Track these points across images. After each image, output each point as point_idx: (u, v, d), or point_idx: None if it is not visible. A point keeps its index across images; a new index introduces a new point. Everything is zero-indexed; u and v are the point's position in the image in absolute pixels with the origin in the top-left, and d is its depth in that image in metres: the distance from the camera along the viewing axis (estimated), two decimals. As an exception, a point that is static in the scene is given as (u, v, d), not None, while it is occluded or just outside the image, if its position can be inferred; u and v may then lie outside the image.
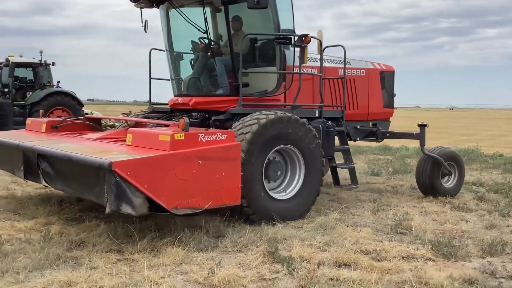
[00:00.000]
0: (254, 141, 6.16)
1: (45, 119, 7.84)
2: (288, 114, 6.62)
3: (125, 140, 5.92)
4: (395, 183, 9.76)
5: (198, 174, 5.29)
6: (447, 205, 7.76)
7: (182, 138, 5.26)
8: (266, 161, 6.41)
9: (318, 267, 4.72)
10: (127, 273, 4.47)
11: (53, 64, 19.08)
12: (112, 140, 6.51)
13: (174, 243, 5.25)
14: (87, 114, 20.17)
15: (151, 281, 4.25)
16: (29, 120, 8.25)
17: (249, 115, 6.53)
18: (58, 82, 18.97)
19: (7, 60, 17.86)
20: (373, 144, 14.12)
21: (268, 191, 6.41)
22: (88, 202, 7.09)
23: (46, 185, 6.22)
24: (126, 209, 4.78)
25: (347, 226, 6.25)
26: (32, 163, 6.19)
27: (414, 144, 15.36)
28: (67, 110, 17.36)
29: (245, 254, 5.07)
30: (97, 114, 22.68)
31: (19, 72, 18.58)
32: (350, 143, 10.73)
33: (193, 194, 5.26)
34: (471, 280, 4.44)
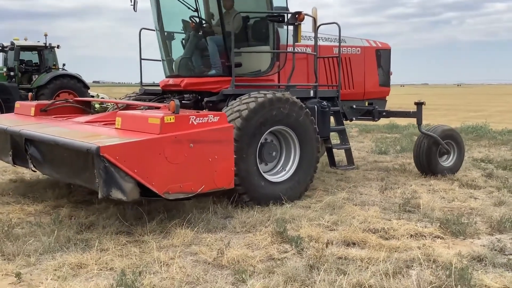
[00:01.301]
0: (245, 125, 6.00)
1: (34, 102, 7.69)
2: (269, 95, 6.35)
3: (114, 124, 5.76)
4: (402, 161, 9.73)
5: (190, 158, 5.15)
6: (455, 182, 7.74)
7: (172, 121, 5.11)
8: (259, 144, 6.26)
9: (327, 246, 4.73)
10: (137, 254, 4.51)
11: (58, 46, 19.06)
12: (102, 123, 6.34)
13: (183, 224, 5.28)
14: (93, 96, 20.21)
15: (161, 262, 4.29)
16: (18, 104, 8.05)
17: (237, 99, 6.34)
18: (64, 64, 18.98)
19: (12, 43, 17.86)
20: (380, 122, 14.06)
21: (263, 174, 6.29)
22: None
23: (35, 170, 6.14)
24: (116, 194, 4.68)
25: (355, 205, 6.26)
26: (20, 148, 6.07)
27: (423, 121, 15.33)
28: (73, 93, 17.38)
29: (253, 235, 5.09)
30: (103, 96, 22.72)
31: (25, 56, 18.59)
32: (356, 121, 10.69)
33: (185, 178, 5.13)
34: (480, 257, 4.44)
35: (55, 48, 18.92)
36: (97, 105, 8.33)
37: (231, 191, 5.90)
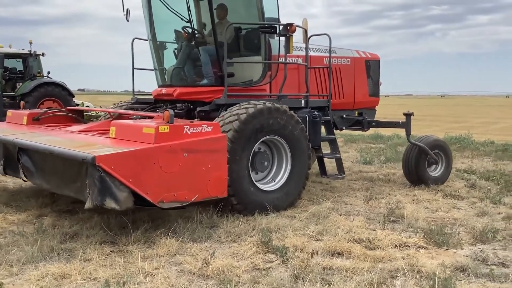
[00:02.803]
0: (238, 135, 6.07)
1: (26, 111, 7.70)
2: (268, 104, 6.48)
3: (108, 133, 5.80)
4: (387, 172, 9.80)
5: (184, 167, 5.23)
6: (438, 193, 7.81)
7: (166, 130, 5.19)
8: (252, 153, 6.33)
9: (312, 256, 4.74)
10: (121, 264, 4.48)
11: (43, 54, 18.90)
12: (96, 132, 6.39)
13: (168, 234, 5.26)
14: (77, 104, 20.06)
15: (145, 272, 4.26)
16: (9, 112, 8.06)
17: (228, 109, 6.42)
18: (48, 72, 18.81)
19: (-4, 51, 17.68)
20: (365, 132, 14.15)
21: (255, 182, 6.35)
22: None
23: (26, 180, 6.16)
24: (110, 203, 4.70)
25: (340, 215, 6.29)
26: (12, 157, 6.09)
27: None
28: (58, 101, 17.21)
29: (239, 244, 5.09)
30: (88, 104, 22.56)
31: (9, 63, 18.39)
32: (341, 131, 10.76)
33: (179, 187, 5.19)
34: (463, 268, 4.49)
35: (40, 56, 18.76)
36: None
37: (212, 202, 5.91)
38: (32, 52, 18.32)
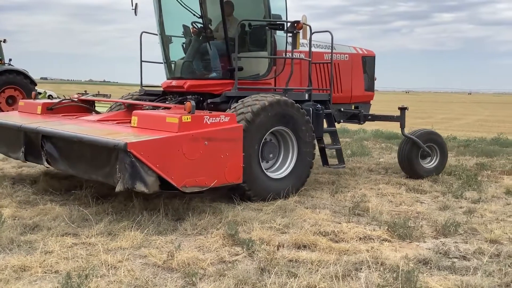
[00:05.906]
0: (250, 125, 6.35)
1: (40, 101, 7.90)
2: (285, 98, 6.90)
3: (126, 122, 6.26)
4: (353, 166, 9.89)
5: (205, 154, 5.60)
6: (402, 187, 7.94)
7: (189, 120, 5.57)
8: (262, 141, 6.64)
9: (278, 249, 4.75)
10: (83, 257, 4.38)
11: (4, 41, 18.39)
12: (115, 122, 6.74)
13: (133, 226, 5.18)
14: (40, 93, 19.56)
15: (108, 265, 4.18)
16: (22, 102, 8.25)
17: (248, 97, 6.72)
18: (10, 60, 18.31)
19: (-45, 36, 17.08)
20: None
21: (264, 170, 6.67)
22: (42, 185, 6.91)
23: (48, 166, 6.32)
24: (140, 187, 5.07)
25: (306, 208, 6.32)
26: (34, 145, 6.26)
27: (372, 127, 15.67)
28: (20, 89, 16.81)
29: (204, 237, 5.05)
30: (50, 93, 22.04)
31: (-31, 49, 17.83)
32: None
33: (200, 173, 5.57)
34: (425, 260, 4.56)
35: (1, 43, 18.25)
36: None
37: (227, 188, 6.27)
38: (-7, 38, 17.80)
